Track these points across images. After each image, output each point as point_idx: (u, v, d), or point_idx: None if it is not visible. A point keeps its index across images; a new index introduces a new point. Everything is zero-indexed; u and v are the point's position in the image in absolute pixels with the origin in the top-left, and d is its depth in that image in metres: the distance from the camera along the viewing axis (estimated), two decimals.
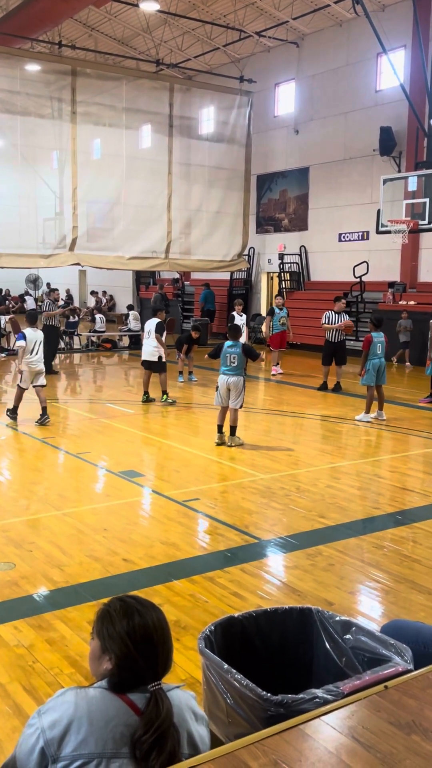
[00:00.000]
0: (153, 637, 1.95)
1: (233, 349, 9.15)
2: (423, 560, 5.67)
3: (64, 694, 1.92)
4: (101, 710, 1.87)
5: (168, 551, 5.80)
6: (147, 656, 1.94)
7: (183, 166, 20.85)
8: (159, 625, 1.99)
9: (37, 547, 5.77)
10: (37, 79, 18.64)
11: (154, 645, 1.95)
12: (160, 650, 1.96)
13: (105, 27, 24.14)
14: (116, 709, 1.88)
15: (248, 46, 22.50)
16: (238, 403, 9.18)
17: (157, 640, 1.96)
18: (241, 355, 9.15)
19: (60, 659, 4.10)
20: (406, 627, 3.15)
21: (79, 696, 1.90)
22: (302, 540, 6.06)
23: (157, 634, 1.97)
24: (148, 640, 1.95)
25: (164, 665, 1.98)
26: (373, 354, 10.91)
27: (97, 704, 1.88)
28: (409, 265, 18.87)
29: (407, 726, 1.96)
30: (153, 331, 12.22)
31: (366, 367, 10.90)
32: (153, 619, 1.99)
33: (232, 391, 9.16)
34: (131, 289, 29.21)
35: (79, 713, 1.86)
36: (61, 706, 1.89)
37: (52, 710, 1.89)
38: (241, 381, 9.19)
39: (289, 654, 2.80)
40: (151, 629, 1.97)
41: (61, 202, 19.34)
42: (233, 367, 9.17)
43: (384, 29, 15.83)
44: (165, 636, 1.99)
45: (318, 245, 21.72)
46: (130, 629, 1.95)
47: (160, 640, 1.97)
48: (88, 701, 1.89)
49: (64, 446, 9.37)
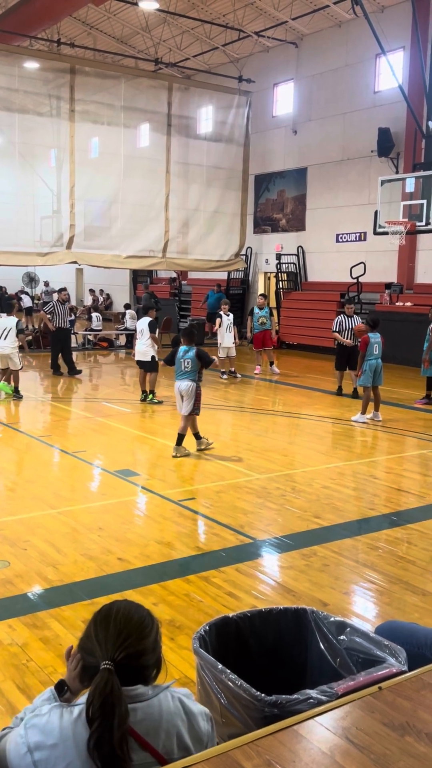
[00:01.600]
0: (110, 619, 1.95)
1: (187, 354, 8.65)
2: (417, 561, 5.68)
3: (50, 713, 1.90)
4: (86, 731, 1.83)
5: (163, 551, 5.80)
6: (101, 635, 1.92)
7: (181, 165, 20.87)
8: (125, 615, 1.96)
9: (31, 546, 5.77)
10: (36, 77, 18.64)
11: (108, 625, 1.93)
12: (116, 632, 1.92)
13: (104, 25, 24.13)
14: None
15: (247, 46, 22.51)
16: (188, 410, 8.69)
17: (114, 621, 1.94)
18: (195, 360, 8.63)
19: (54, 658, 4.10)
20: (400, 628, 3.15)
21: (64, 719, 1.87)
22: (297, 540, 6.07)
23: (117, 619, 1.95)
24: (105, 622, 1.95)
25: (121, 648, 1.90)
26: (370, 355, 10.93)
27: (82, 725, 1.84)
28: (406, 266, 18.90)
29: (401, 727, 1.96)
30: (146, 330, 12.23)
31: (363, 368, 10.93)
32: (120, 608, 1.99)
33: (185, 397, 8.68)
34: (128, 287, 29.22)
35: (64, 736, 1.84)
36: (45, 727, 1.87)
37: (38, 729, 1.87)
38: (192, 387, 8.63)
39: (283, 654, 2.80)
40: (113, 614, 1.97)
41: (59, 200, 19.34)
42: (186, 372, 8.66)
43: (383, 30, 15.85)
44: (129, 623, 1.95)
45: (315, 246, 21.74)
46: (95, 614, 2.00)
47: (119, 624, 1.93)
48: (72, 723, 1.85)
49: (59, 445, 9.36)
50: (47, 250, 18.86)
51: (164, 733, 1.90)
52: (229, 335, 15.23)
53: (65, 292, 16.32)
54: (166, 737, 1.90)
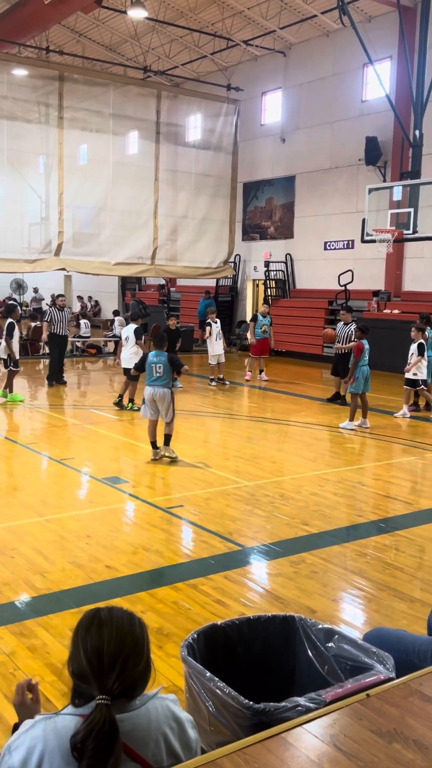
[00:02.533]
0: (103, 649, 1.86)
1: (158, 359, 8.57)
2: (405, 568, 5.70)
3: (33, 727, 1.86)
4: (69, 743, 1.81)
5: (151, 558, 5.79)
6: (94, 663, 1.85)
7: (169, 172, 20.91)
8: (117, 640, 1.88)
9: (19, 554, 5.74)
10: (25, 84, 18.64)
11: (102, 657, 1.85)
12: (110, 664, 1.85)
13: (93, 33, 24.17)
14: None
15: (235, 55, 22.61)
16: (169, 417, 8.67)
17: (107, 652, 1.86)
18: (167, 366, 8.55)
19: (42, 666, 4.07)
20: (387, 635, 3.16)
21: (47, 728, 1.84)
22: (286, 547, 6.07)
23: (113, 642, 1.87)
24: (98, 653, 1.86)
25: (120, 682, 1.85)
26: (363, 361, 10.93)
27: (66, 734, 1.82)
28: (393, 274, 19.00)
29: (389, 734, 1.97)
30: (131, 337, 12.23)
31: (356, 374, 10.90)
32: (112, 633, 1.89)
33: (159, 404, 8.62)
34: (117, 294, 29.18)
35: (49, 747, 1.81)
36: (30, 741, 1.84)
37: (22, 746, 1.84)
38: (168, 393, 8.60)
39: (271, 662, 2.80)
40: (105, 641, 1.87)
41: (47, 207, 19.32)
42: (158, 378, 8.57)
43: (370, 40, 15.97)
44: (123, 650, 1.88)
45: (303, 253, 21.82)
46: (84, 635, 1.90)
47: (114, 654, 1.86)
48: (56, 732, 1.83)
49: (47, 452, 9.33)
50: (35, 256, 18.82)
51: (153, 742, 1.89)
52: (219, 342, 15.26)
53: (63, 298, 15.63)
54: (155, 746, 1.89)
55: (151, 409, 8.77)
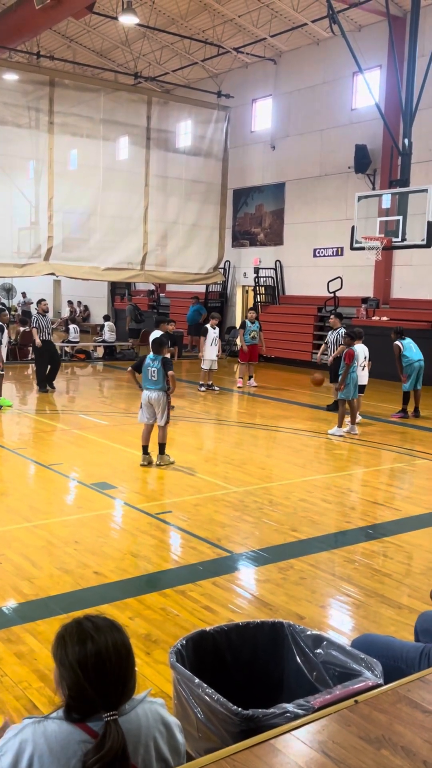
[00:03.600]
0: (105, 666, 1.85)
1: (154, 363, 8.65)
2: (393, 574, 5.71)
3: (22, 731, 1.85)
4: (61, 745, 1.81)
5: (139, 564, 5.77)
6: (99, 686, 1.84)
7: (160, 178, 20.94)
8: (114, 652, 1.88)
9: (6, 559, 5.71)
10: (15, 89, 18.64)
11: (106, 674, 1.85)
12: (114, 679, 1.86)
13: (84, 39, 24.20)
14: (76, 742, 1.82)
15: (226, 62, 22.70)
16: (163, 420, 8.74)
17: (110, 669, 1.86)
18: (162, 370, 8.60)
19: (29, 673, 4.05)
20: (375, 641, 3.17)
21: (36, 733, 1.83)
22: (274, 553, 6.07)
23: (110, 662, 1.86)
24: (99, 669, 1.85)
25: (120, 694, 1.87)
26: (353, 368, 10.97)
27: (56, 738, 1.81)
28: (382, 281, 19.09)
29: (377, 740, 1.97)
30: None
31: (347, 381, 10.92)
32: (107, 645, 1.88)
33: (155, 407, 8.70)
34: (106, 299, 29.15)
35: (38, 751, 1.80)
36: (19, 745, 1.83)
37: (11, 750, 1.83)
38: (163, 397, 8.67)
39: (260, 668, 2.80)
40: (104, 657, 1.86)
41: (37, 212, 19.31)
42: (154, 382, 8.63)
43: (360, 49, 16.08)
44: (121, 664, 1.89)
45: (293, 260, 21.88)
46: (81, 657, 1.86)
47: (115, 669, 1.86)
48: (46, 737, 1.82)
49: (35, 457, 9.29)
50: (25, 261, 18.79)
51: (143, 747, 1.88)
52: (214, 348, 15.27)
53: (45, 302, 15.51)
54: (145, 751, 1.88)
55: (147, 413, 8.80)
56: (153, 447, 8.96)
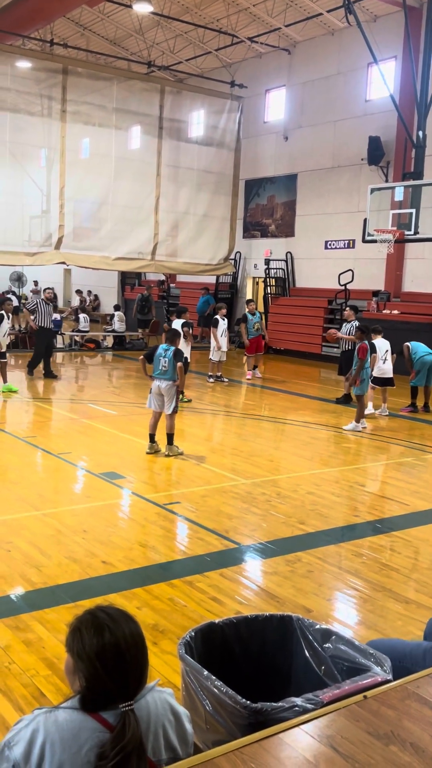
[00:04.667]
0: (125, 657, 1.87)
1: (167, 354, 8.69)
2: (401, 569, 5.70)
3: (33, 721, 1.86)
4: (73, 734, 1.81)
5: (147, 554, 5.79)
6: (117, 677, 1.86)
7: (171, 168, 20.86)
8: (132, 643, 1.90)
9: (15, 547, 5.73)
10: (28, 77, 18.59)
11: (124, 665, 1.87)
12: (132, 670, 1.88)
13: (97, 27, 24.10)
14: (89, 730, 1.82)
15: (240, 52, 22.56)
16: (169, 409, 8.79)
17: (128, 660, 1.87)
18: (172, 360, 8.64)
19: (37, 661, 4.07)
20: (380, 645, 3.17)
21: (48, 722, 1.84)
22: (282, 546, 6.07)
23: (129, 653, 1.88)
24: (118, 661, 1.86)
25: (137, 684, 1.89)
26: (366, 362, 10.89)
27: (68, 728, 1.82)
28: (393, 274, 19.00)
29: (386, 736, 1.97)
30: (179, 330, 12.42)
31: (362, 376, 10.86)
32: (125, 636, 1.89)
33: (165, 396, 8.77)
34: (116, 289, 29.15)
35: (51, 740, 1.81)
36: (31, 735, 1.83)
37: (22, 740, 1.83)
38: (172, 387, 8.73)
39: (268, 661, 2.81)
40: (123, 648, 1.87)
41: (48, 201, 19.28)
42: (164, 371, 8.69)
43: (375, 39, 15.95)
44: (138, 654, 1.90)
45: (304, 252, 21.80)
46: (99, 648, 1.87)
47: (132, 660, 1.88)
48: (58, 726, 1.82)
49: (44, 446, 9.32)
50: (36, 250, 18.78)
51: (152, 735, 1.90)
52: (224, 339, 15.26)
53: (50, 290, 15.60)
54: (154, 739, 1.90)
55: (156, 402, 8.88)
56: (160, 436, 8.98)
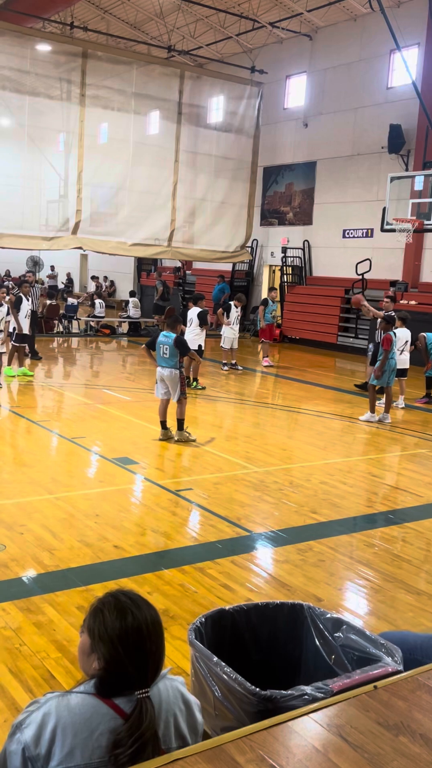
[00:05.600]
0: (146, 643, 1.87)
1: (166, 340, 8.65)
2: (413, 560, 5.68)
3: (45, 704, 1.85)
4: (85, 719, 1.81)
5: (159, 540, 5.80)
6: (137, 662, 1.86)
7: (190, 154, 20.74)
8: (153, 629, 1.90)
9: (28, 530, 5.76)
10: (48, 60, 18.50)
11: (145, 651, 1.87)
12: (152, 656, 1.88)
13: (118, 10, 23.96)
14: (101, 715, 1.82)
15: (261, 37, 22.36)
16: (176, 396, 8.78)
17: (149, 646, 1.88)
18: (173, 348, 8.60)
19: (47, 643, 4.10)
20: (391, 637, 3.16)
21: (60, 706, 1.83)
22: (293, 535, 6.06)
23: (150, 639, 1.88)
24: (139, 646, 1.86)
25: (155, 671, 1.90)
26: (392, 353, 10.77)
27: (80, 712, 1.81)
28: (411, 264, 18.84)
29: (395, 727, 1.95)
30: (195, 320, 12.44)
31: (385, 367, 10.68)
32: (147, 622, 1.90)
33: (168, 384, 8.80)
34: (132, 275, 29.14)
35: (62, 724, 1.80)
36: (42, 719, 1.82)
37: (33, 723, 1.82)
38: (175, 374, 8.71)
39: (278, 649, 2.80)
40: (144, 634, 1.88)
41: (66, 185, 19.24)
42: (165, 359, 8.69)
43: (399, 26, 15.73)
44: (158, 640, 1.91)
45: (322, 240, 21.66)
46: (122, 632, 1.86)
47: (153, 646, 1.89)
48: (70, 710, 1.82)
49: (58, 430, 9.35)
50: (53, 234, 18.76)
51: (163, 723, 1.89)
52: (235, 327, 15.24)
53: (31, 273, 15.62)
54: (165, 726, 1.89)
55: (162, 389, 8.90)
56: (172, 422, 8.99)
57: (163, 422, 8.97)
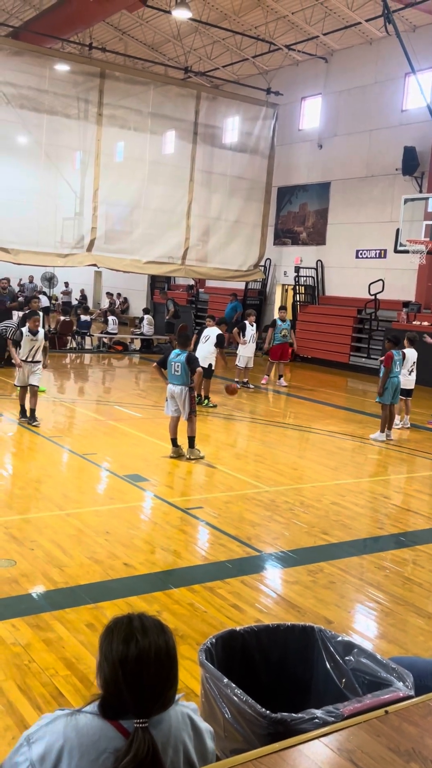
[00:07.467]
0: (143, 673, 1.81)
1: (178, 358, 8.73)
2: (424, 583, 5.64)
3: (54, 722, 1.84)
4: (92, 740, 1.80)
5: (169, 558, 5.79)
6: (135, 690, 1.81)
7: (205, 173, 20.93)
8: (156, 659, 1.84)
9: (38, 546, 5.77)
10: (66, 80, 18.78)
11: (142, 680, 1.81)
12: (150, 687, 1.82)
13: (136, 32, 24.29)
14: (108, 738, 1.80)
15: (277, 59, 22.59)
16: (186, 414, 8.82)
17: (146, 676, 1.81)
18: (185, 365, 8.67)
19: (56, 660, 4.09)
20: (400, 662, 3.13)
21: (68, 726, 1.82)
22: (304, 556, 6.04)
23: (149, 670, 1.82)
24: (137, 675, 1.81)
25: (155, 701, 1.83)
26: (393, 372, 10.84)
27: (87, 733, 1.80)
28: (425, 285, 18.84)
29: (407, 753, 1.94)
30: (212, 339, 12.53)
31: (386, 385, 10.81)
32: (149, 651, 1.84)
33: (178, 401, 8.83)
34: (146, 292, 29.28)
35: (69, 745, 1.79)
36: (50, 737, 1.81)
37: (42, 740, 1.82)
38: (185, 391, 8.77)
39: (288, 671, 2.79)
40: (144, 663, 1.82)
41: (82, 203, 19.44)
42: (177, 377, 8.73)
43: (413, 49, 15.87)
44: (161, 673, 1.84)
45: (335, 260, 21.72)
46: (123, 657, 1.83)
47: (152, 678, 1.82)
48: (77, 731, 1.81)
49: (69, 446, 9.38)
50: (68, 251, 18.94)
51: (172, 749, 1.87)
52: (252, 346, 15.27)
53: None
54: (174, 753, 1.87)
55: (172, 407, 8.93)
56: (183, 440, 9.00)
57: (173, 440, 8.99)
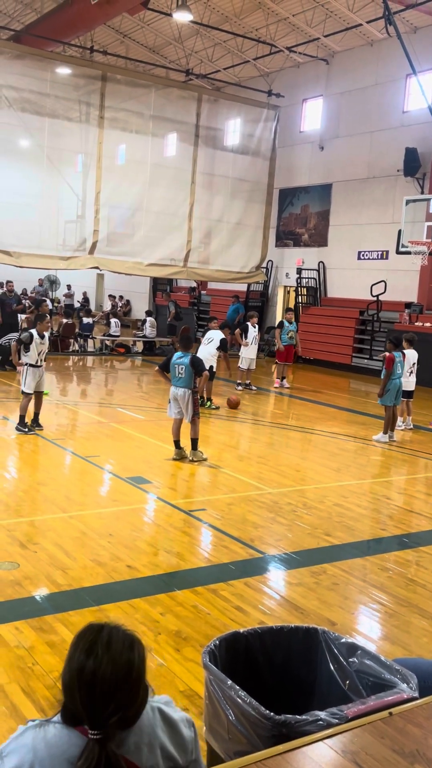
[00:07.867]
0: (95, 689, 1.76)
1: (181, 360, 8.75)
2: (427, 585, 5.63)
3: (23, 735, 1.83)
4: (61, 750, 1.79)
5: (172, 560, 5.79)
6: (87, 702, 1.77)
7: (206, 176, 20.96)
8: (110, 677, 1.78)
9: (41, 549, 5.77)
10: (67, 83, 18.81)
11: (94, 696, 1.77)
12: (101, 704, 1.77)
13: (137, 34, 24.33)
14: (77, 747, 1.78)
15: (278, 61, 22.62)
16: (189, 416, 8.82)
17: (98, 692, 1.77)
18: (189, 368, 8.69)
19: (59, 663, 4.07)
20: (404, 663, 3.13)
21: (37, 738, 1.81)
22: (307, 557, 6.03)
23: (102, 687, 1.77)
24: (89, 689, 1.77)
25: (110, 717, 1.77)
26: (395, 374, 10.84)
27: (56, 744, 1.79)
28: (427, 286, 18.83)
29: (411, 755, 1.94)
30: (216, 342, 12.55)
31: (387, 387, 10.83)
32: (106, 667, 1.78)
33: (181, 404, 8.84)
34: (148, 294, 29.31)
35: (39, 757, 1.78)
36: (20, 751, 1.80)
37: (13, 754, 1.81)
38: (188, 394, 8.77)
39: (292, 673, 2.78)
40: (98, 679, 1.77)
41: (83, 206, 19.48)
42: (180, 379, 8.75)
43: (414, 51, 15.87)
44: (118, 690, 1.78)
45: (337, 262, 21.73)
46: (79, 668, 1.79)
47: (104, 695, 1.77)
48: (47, 742, 1.80)
49: (72, 448, 9.38)
50: (70, 254, 18.97)
51: (147, 748, 1.85)
52: (254, 347, 15.28)
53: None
54: (149, 751, 1.85)
55: (175, 409, 8.94)
56: (186, 442, 9.00)
57: (176, 442, 9.00)
